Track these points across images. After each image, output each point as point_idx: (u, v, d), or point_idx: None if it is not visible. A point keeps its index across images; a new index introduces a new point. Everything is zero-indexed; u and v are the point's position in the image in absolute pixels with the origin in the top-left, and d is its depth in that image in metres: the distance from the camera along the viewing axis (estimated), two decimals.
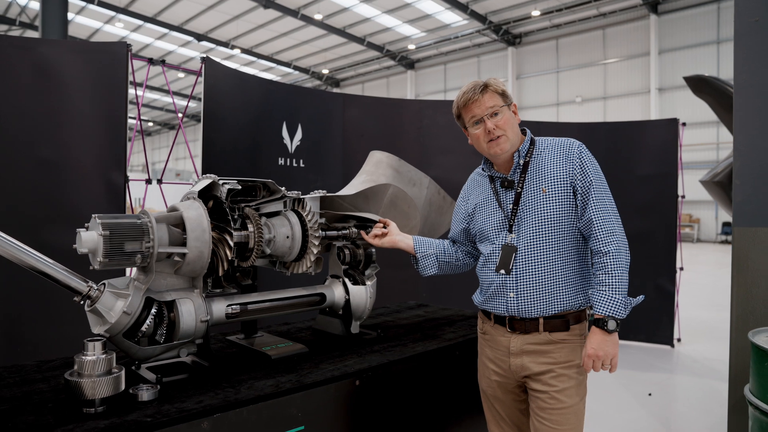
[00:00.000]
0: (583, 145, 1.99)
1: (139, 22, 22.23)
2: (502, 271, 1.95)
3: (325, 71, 29.06)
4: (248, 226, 1.99)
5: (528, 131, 2.07)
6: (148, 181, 3.77)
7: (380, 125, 5.07)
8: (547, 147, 2.01)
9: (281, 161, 4.49)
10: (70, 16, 21.47)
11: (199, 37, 23.87)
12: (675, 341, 6.06)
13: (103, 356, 1.52)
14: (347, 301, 2.31)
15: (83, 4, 20.46)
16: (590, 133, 6.07)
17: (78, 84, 3.36)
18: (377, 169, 2.48)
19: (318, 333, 2.44)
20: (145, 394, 1.58)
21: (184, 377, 1.78)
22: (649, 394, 4.56)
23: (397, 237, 2.26)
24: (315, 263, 2.27)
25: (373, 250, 2.41)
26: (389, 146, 5.02)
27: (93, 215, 1.69)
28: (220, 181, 1.93)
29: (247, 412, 1.61)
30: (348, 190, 2.40)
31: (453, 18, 21.50)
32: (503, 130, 1.93)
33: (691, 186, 7.65)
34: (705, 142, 18.47)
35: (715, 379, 4.97)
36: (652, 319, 5.99)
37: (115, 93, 3.41)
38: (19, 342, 3.35)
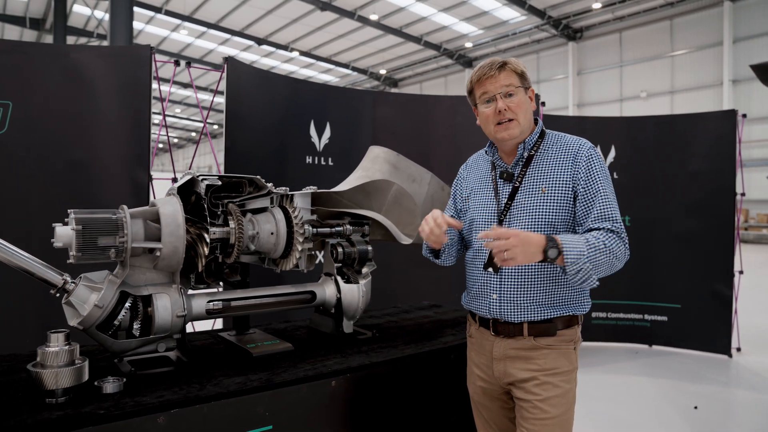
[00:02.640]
0: (595, 148, 1.85)
1: (203, 28, 23.12)
2: (490, 270, 1.83)
3: (383, 72, 29.17)
4: (230, 222, 1.99)
5: (540, 122, 1.93)
6: (174, 180, 3.88)
7: (412, 123, 4.99)
8: (555, 143, 1.87)
9: (309, 160, 4.51)
10: (140, 26, 22.69)
11: (260, 41, 24.54)
12: (734, 351, 5.61)
13: (66, 347, 1.54)
14: (339, 300, 2.27)
15: (152, 14, 21.49)
16: (638, 128, 5.74)
17: (105, 87, 3.50)
18: (374, 164, 2.42)
19: (313, 332, 2.41)
20: (110, 386, 1.60)
21: (159, 371, 1.79)
22: (695, 408, 4.24)
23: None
24: (307, 260, 2.25)
25: (369, 248, 2.35)
26: (421, 144, 4.95)
27: (69, 210, 1.73)
28: (200, 177, 1.93)
29: (207, 409, 1.59)
30: (342, 186, 2.36)
31: (511, 14, 21.01)
32: (515, 114, 1.80)
33: None
34: None
35: None
36: (706, 327, 5.58)
37: (140, 94, 3.53)
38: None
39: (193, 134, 45.34)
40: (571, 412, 1.82)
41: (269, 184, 2.13)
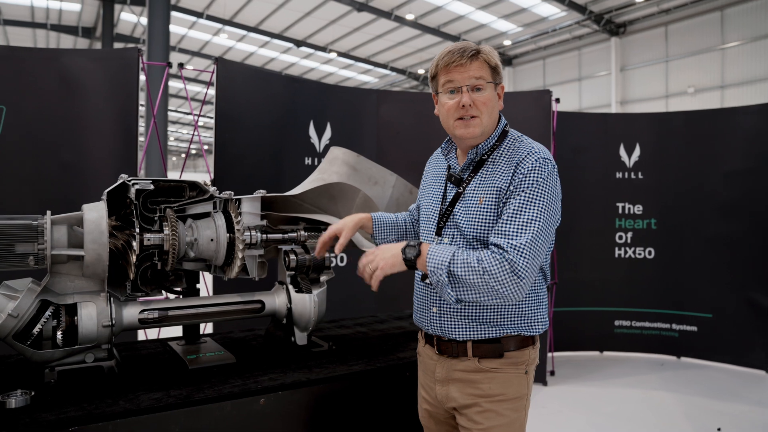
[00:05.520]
0: (547, 161, 1.57)
1: (243, 32, 23.53)
2: (427, 280, 1.65)
3: (421, 71, 28.94)
4: (164, 228, 1.89)
5: (502, 122, 1.72)
6: None
7: (417, 122, 4.82)
8: (509, 149, 1.65)
9: (308, 161, 4.41)
10: (182, 31, 23.30)
11: (298, 43, 24.76)
12: None
13: None
14: (290, 310, 2.15)
15: (194, 19, 22.04)
16: (665, 124, 5.38)
17: (95, 90, 3.51)
18: (331, 166, 2.29)
19: (268, 343, 2.29)
20: (14, 401, 1.53)
21: (81, 384, 1.72)
22: (718, 429, 3.89)
23: (347, 235, 1.83)
24: (259, 268, 2.14)
25: (326, 254, 2.22)
26: (426, 143, 4.76)
27: None
28: (131, 181, 1.85)
29: (113, 427, 1.50)
30: (296, 189, 2.24)
31: (551, 10, 20.38)
32: (479, 111, 1.60)
33: None
34: None
35: None
36: (740, 338, 5.17)
37: (128, 96, 3.52)
38: None
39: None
40: None
41: (212, 188, 2.02)
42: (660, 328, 5.45)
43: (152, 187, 1.87)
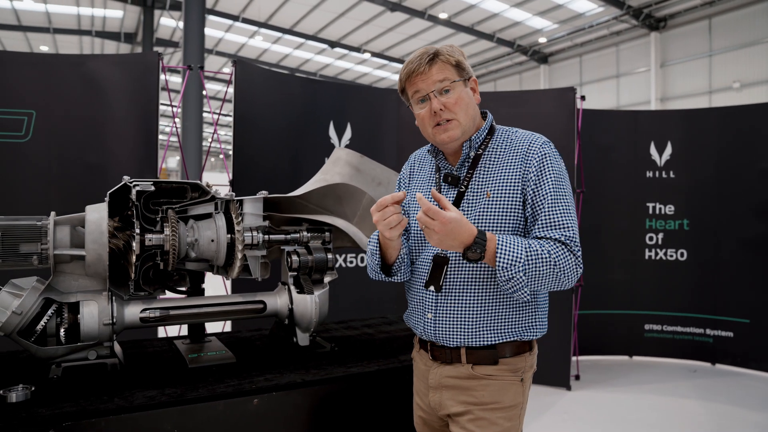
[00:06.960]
0: (550, 144, 1.62)
1: (278, 34, 23.86)
2: (431, 289, 1.60)
3: None
4: (165, 229, 1.93)
5: (489, 116, 1.71)
6: None
7: None
8: (505, 140, 1.65)
9: None
10: (219, 34, 23.81)
11: (333, 44, 24.97)
12: None
13: None
14: (291, 311, 2.15)
15: (230, 22, 22.49)
16: (698, 121, 5.18)
17: (118, 94, 3.61)
18: (334, 167, 2.29)
19: (272, 343, 2.31)
20: (15, 395, 1.58)
21: (81, 381, 1.76)
22: None
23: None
24: (262, 268, 2.16)
25: (329, 256, 2.22)
26: None
27: None
28: (132, 183, 1.89)
29: (105, 423, 1.53)
30: (299, 190, 2.24)
31: (587, 6, 19.92)
32: (453, 113, 1.59)
33: None
34: None
35: None
36: None
37: (150, 100, 3.61)
38: None
39: None
40: None
41: (213, 189, 2.05)
42: (693, 333, 5.25)
43: (152, 188, 1.91)
